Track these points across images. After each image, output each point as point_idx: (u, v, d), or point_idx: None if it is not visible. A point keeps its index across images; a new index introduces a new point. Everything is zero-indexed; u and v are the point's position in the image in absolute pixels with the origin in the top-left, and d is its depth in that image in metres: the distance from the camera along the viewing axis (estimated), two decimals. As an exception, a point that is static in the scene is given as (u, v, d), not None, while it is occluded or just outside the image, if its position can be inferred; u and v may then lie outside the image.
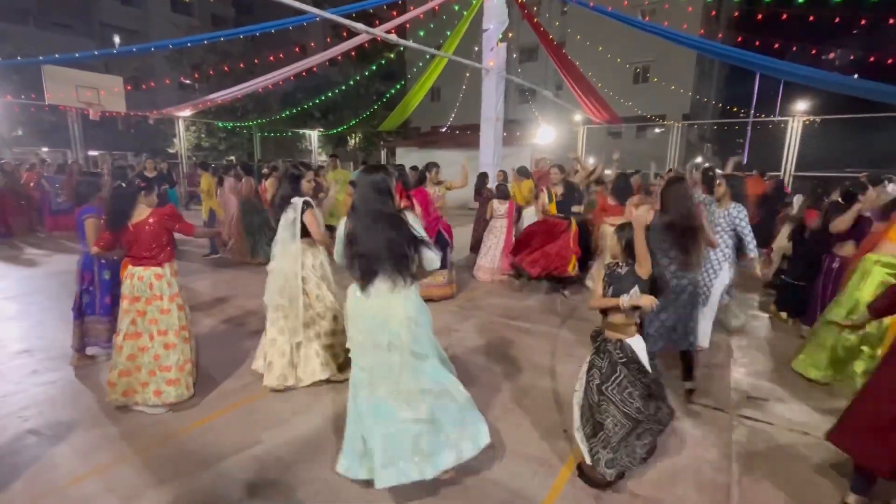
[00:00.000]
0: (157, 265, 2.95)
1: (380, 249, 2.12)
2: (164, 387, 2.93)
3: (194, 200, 12.72)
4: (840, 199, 4.24)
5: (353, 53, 12.63)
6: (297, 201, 3.19)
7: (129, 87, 12.07)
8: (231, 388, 3.26)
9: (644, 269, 2.18)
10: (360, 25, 6.16)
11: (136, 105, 14.02)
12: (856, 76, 8.53)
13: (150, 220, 2.91)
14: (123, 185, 2.97)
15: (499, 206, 6.30)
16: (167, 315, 2.97)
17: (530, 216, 6.60)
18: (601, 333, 2.34)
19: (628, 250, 2.24)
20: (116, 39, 22.78)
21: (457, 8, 10.50)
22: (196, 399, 3.09)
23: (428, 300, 4.95)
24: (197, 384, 3.16)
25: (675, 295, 3.09)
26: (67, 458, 2.48)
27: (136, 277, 2.91)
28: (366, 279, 2.15)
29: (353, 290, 2.24)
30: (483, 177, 8.25)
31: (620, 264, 2.29)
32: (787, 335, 4.49)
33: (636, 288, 2.17)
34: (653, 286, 2.21)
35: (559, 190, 5.50)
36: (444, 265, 5.12)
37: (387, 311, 2.15)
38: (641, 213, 2.31)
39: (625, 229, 2.27)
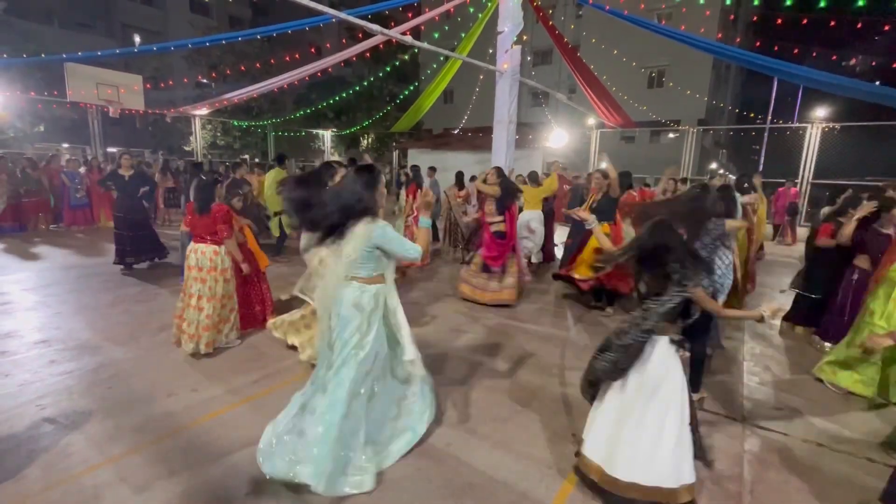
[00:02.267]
0: (217, 244, 3.69)
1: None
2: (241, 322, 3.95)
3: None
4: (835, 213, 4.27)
5: (367, 55, 12.69)
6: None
7: (148, 86, 12.31)
8: (241, 384, 3.30)
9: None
10: (375, 27, 6.18)
11: (155, 103, 14.27)
12: (878, 83, 8.35)
13: (211, 213, 3.67)
14: (204, 177, 3.87)
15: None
16: (228, 284, 3.78)
17: (532, 218, 6.59)
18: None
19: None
20: (137, 39, 23.26)
21: (471, 10, 10.51)
22: (206, 393, 3.14)
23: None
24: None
25: None
26: (82, 447, 2.53)
27: (199, 252, 3.67)
28: None
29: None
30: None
31: None
32: (800, 344, 4.41)
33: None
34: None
35: (599, 196, 5.19)
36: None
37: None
38: None
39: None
